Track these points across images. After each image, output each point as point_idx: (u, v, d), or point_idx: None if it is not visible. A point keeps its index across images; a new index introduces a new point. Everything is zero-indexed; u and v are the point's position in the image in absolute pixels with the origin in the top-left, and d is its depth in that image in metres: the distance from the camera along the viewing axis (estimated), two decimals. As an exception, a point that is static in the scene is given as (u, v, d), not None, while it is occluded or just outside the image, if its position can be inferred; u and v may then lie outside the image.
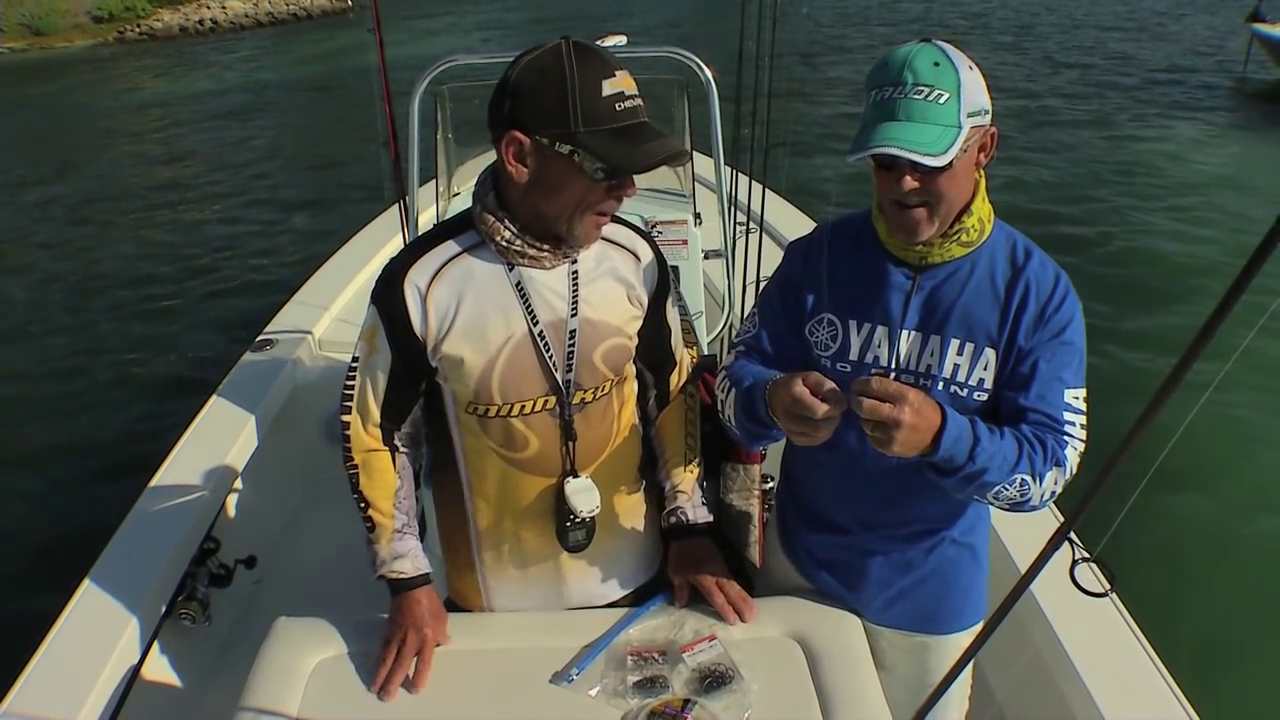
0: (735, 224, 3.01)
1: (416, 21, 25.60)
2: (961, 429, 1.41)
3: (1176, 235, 8.43)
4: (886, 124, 1.40)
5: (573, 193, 1.46)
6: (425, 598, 1.69)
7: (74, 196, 12.11)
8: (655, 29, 22.35)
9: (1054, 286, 1.53)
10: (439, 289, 1.56)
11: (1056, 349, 1.52)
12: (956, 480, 1.45)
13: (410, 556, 1.70)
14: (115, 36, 29.01)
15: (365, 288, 3.95)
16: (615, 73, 1.43)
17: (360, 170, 11.76)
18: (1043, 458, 1.46)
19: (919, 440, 1.38)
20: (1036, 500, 1.49)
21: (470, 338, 1.57)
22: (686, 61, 2.67)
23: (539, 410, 1.63)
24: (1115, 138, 11.70)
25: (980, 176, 1.55)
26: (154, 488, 2.66)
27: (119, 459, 5.34)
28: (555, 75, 1.40)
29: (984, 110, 1.45)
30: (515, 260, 1.56)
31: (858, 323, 1.61)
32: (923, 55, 1.42)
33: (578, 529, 1.70)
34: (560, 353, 1.60)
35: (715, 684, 1.56)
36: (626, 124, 1.43)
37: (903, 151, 1.37)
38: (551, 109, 1.41)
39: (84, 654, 2.08)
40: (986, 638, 1.36)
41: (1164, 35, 18.90)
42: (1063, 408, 1.50)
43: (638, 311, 1.70)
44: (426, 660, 1.64)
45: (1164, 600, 3.70)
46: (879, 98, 1.43)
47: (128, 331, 7.61)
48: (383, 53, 2.99)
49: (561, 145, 1.42)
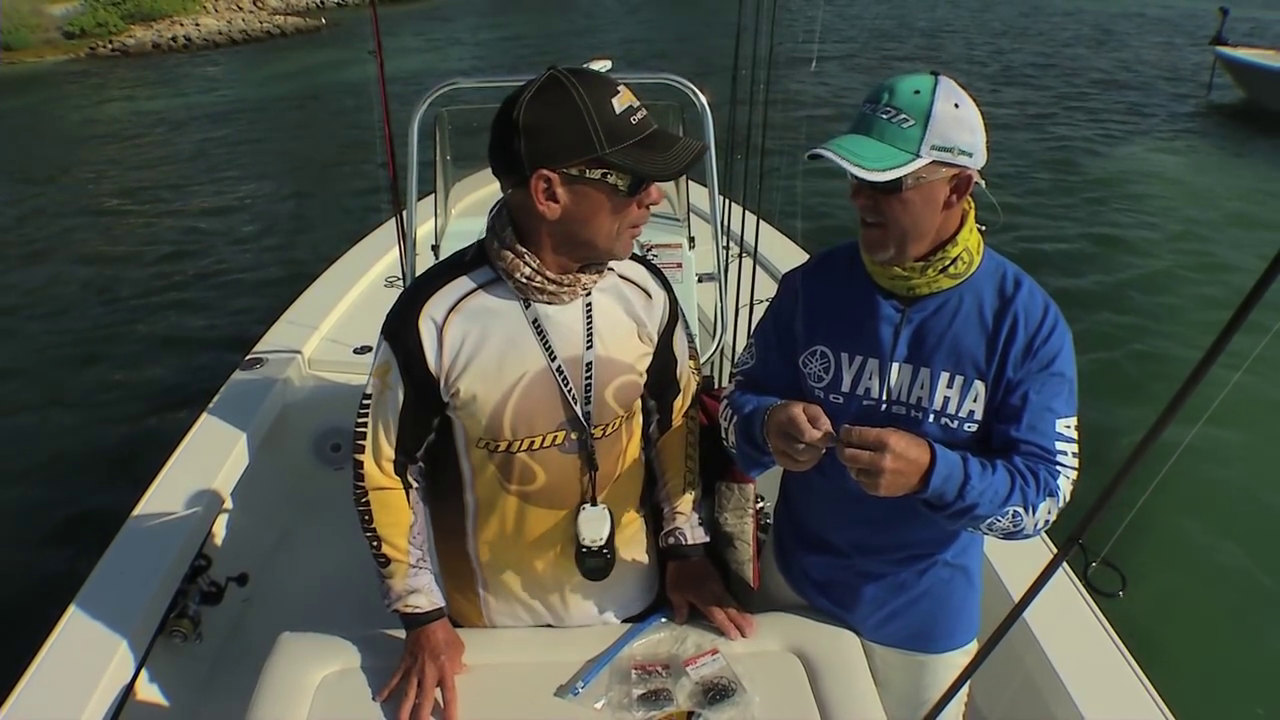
0: (728, 248, 3.06)
1: (393, 40, 25.57)
2: (952, 467, 1.44)
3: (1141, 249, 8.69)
4: (846, 135, 1.47)
5: (609, 214, 1.47)
6: (441, 630, 1.69)
7: (50, 212, 11.93)
8: (631, 45, 22.50)
9: (1043, 317, 1.54)
10: (455, 324, 1.55)
11: (1046, 380, 1.53)
12: (947, 515, 1.48)
13: (425, 591, 1.69)
14: (87, 52, 28.68)
15: (355, 306, 4.02)
16: (618, 89, 1.45)
17: (346, 188, 11.75)
18: (1035, 489, 1.48)
19: (905, 482, 1.42)
20: (1030, 529, 1.51)
21: (485, 374, 1.56)
22: (681, 88, 2.72)
23: (548, 445, 1.64)
24: (1077, 155, 11.97)
25: (969, 207, 1.57)
26: (145, 505, 2.66)
27: (109, 476, 5.30)
28: (567, 105, 1.40)
29: (961, 150, 1.45)
30: (533, 297, 1.56)
31: (849, 355, 1.63)
32: (910, 82, 1.46)
33: (595, 556, 1.70)
34: (579, 386, 1.61)
35: (718, 696, 1.60)
36: (646, 133, 1.45)
37: (835, 158, 1.43)
38: (574, 139, 1.40)
39: (77, 670, 2.08)
40: (986, 654, 1.40)
41: (1128, 56, 19.30)
42: (1054, 438, 1.52)
43: (647, 349, 1.71)
44: (450, 689, 1.64)
45: (1156, 616, 3.79)
46: (857, 113, 1.49)
47: (113, 350, 7.52)
48: (383, 75, 3.02)
49: (592, 171, 1.43)
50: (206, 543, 2.68)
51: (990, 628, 1.76)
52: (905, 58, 19.92)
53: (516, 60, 21.39)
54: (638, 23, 29.15)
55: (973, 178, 1.51)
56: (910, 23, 25.59)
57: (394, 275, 4.12)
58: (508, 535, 1.73)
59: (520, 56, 22.31)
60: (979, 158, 1.49)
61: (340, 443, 3.42)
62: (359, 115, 14.66)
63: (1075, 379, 1.56)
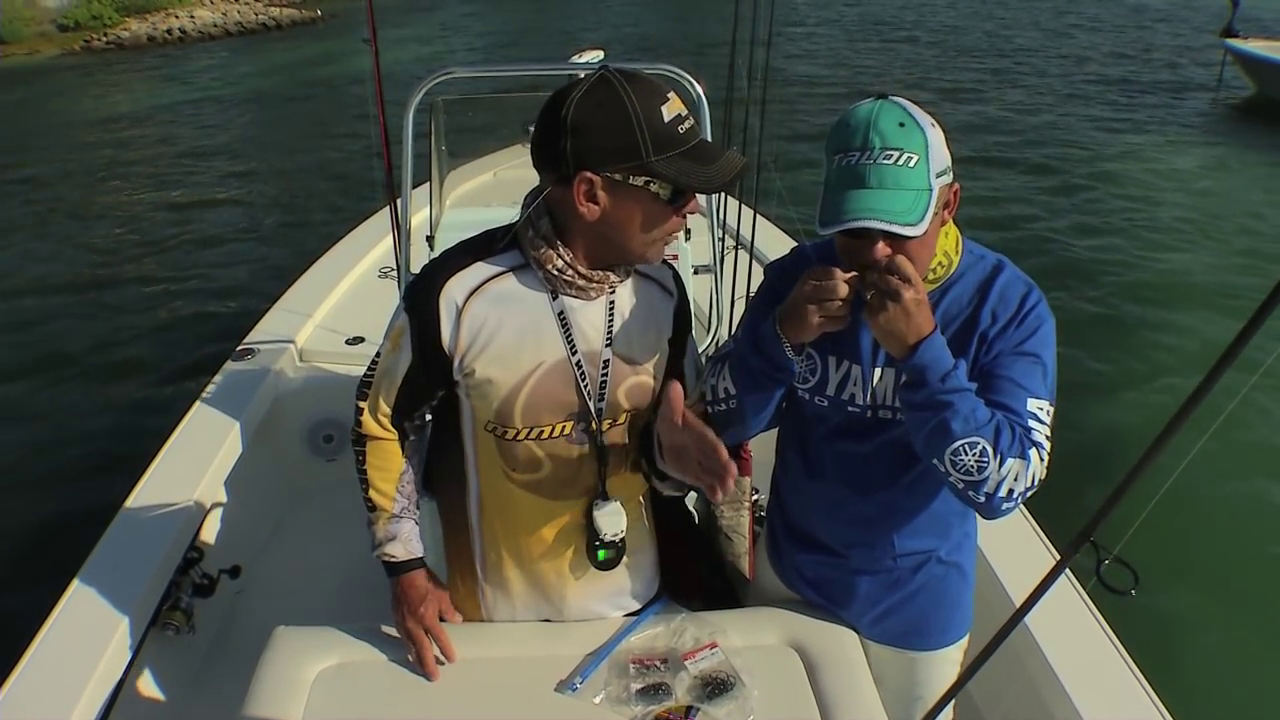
0: (723, 240, 3.04)
1: (388, 31, 25.48)
2: (943, 351, 1.42)
3: (1154, 245, 8.66)
4: (857, 191, 1.37)
5: (648, 221, 1.47)
6: (419, 580, 1.71)
7: (44, 205, 11.91)
8: (628, 39, 22.48)
9: (1023, 298, 1.53)
10: (476, 305, 1.55)
11: (1017, 359, 1.50)
12: (923, 407, 1.42)
13: (402, 540, 1.71)
14: (82, 45, 28.60)
15: (348, 296, 4.00)
16: (668, 96, 1.42)
17: (340, 178, 11.76)
18: (1009, 439, 1.41)
19: (904, 329, 1.39)
20: (991, 484, 1.42)
21: (501, 359, 1.56)
22: (678, 79, 2.70)
23: (556, 435, 1.63)
24: (1085, 151, 11.93)
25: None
26: (137, 497, 2.64)
27: (101, 468, 5.28)
28: (617, 109, 1.38)
29: (948, 168, 1.43)
30: (561, 289, 1.56)
31: (836, 360, 1.62)
32: (886, 115, 1.39)
33: (609, 548, 1.70)
34: (595, 382, 1.61)
35: (717, 690, 1.58)
36: (692, 144, 1.43)
37: (880, 224, 1.35)
38: (621, 144, 1.39)
39: (69, 663, 2.06)
40: (989, 655, 1.39)
41: (1136, 48, 19.28)
42: (1027, 414, 1.46)
43: (664, 348, 1.70)
44: (440, 637, 1.68)
45: (1159, 620, 3.76)
46: (845, 162, 1.40)
47: (106, 341, 7.50)
48: (377, 64, 3.00)
49: (636, 178, 1.42)
50: (199, 535, 2.67)
51: (984, 623, 1.75)
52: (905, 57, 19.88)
53: (511, 49, 21.37)
54: (634, 11, 29.11)
55: (958, 189, 1.48)
56: (923, 21, 25.49)
57: (388, 266, 4.10)
58: (510, 525, 1.72)
59: (514, 45, 22.31)
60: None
61: (333, 434, 3.40)
62: (354, 106, 14.66)
63: (1053, 366, 1.52)
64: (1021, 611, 1.35)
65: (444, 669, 1.67)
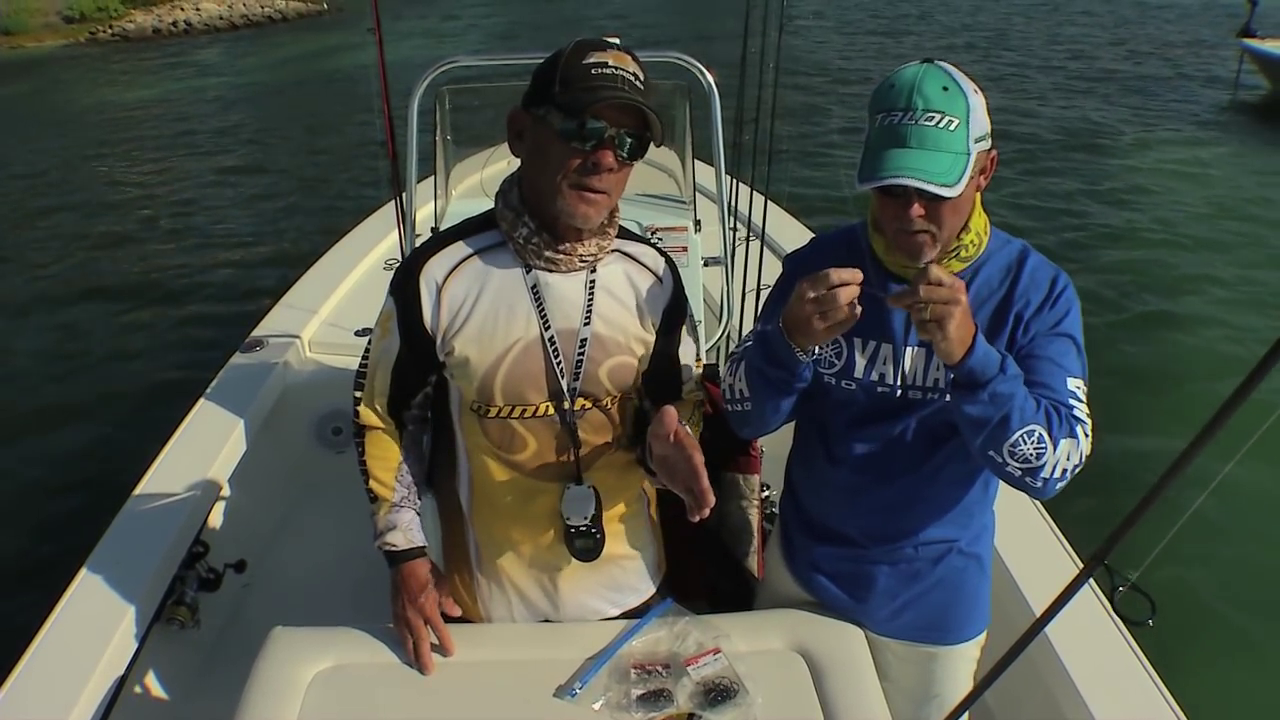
0: (734, 231, 3.01)
1: (397, 24, 25.48)
2: (989, 347, 1.41)
3: (1167, 244, 8.56)
4: (897, 150, 1.38)
5: (551, 159, 1.46)
6: (419, 569, 1.70)
7: (52, 197, 11.93)
8: (639, 33, 22.41)
9: (1052, 283, 1.55)
10: (454, 284, 1.57)
11: (1054, 339, 1.52)
12: (982, 403, 1.41)
13: (402, 529, 1.70)
14: (87, 37, 28.63)
15: (355, 289, 3.98)
16: (609, 51, 1.45)
17: (347, 171, 11.73)
18: (1059, 422, 1.43)
19: (964, 335, 1.36)
20: (1050, 468, 1.43)
21: (479, 336, 1.57)
22: (687, 66, 2.67)
23: (540, 415, 1.63)
24: (1104, 151, 11.82)
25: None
26: (142, 490, 2.63)
27: (105, 460, 5.27)
28: (554, 56, 1.46)
29: (987, 134, 1.45)
30: (532, 262, 1.57)
31: (862, 341, 1.60)
32: (931, 79, 1.40)
33: (584, 536, 1.67)
34: (569, 360, 1.60)
35: (719, 697, 1.55)
36: (598, 85, 1.41)
37: (917, 182, 1.36)
38: (542, 83, 1.46)
39: (73, 657, 2.06)
40: (1005, 667, 1.36)
41: (1153, 49, 19.13)
42: (1067, 393, 1.48)
43: (649, 335, 1.69)
44: (438, 628, 1.67)
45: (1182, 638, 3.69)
46: (887, 122, 1.41)
47: (112, 333, 7.50)
48: (382, 53, 2.97)
49: (537, 109, 1.46)
50: (204, 529, 2.65)
51: (1001, 627, 1.72)
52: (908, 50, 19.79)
53: (519, 40, 21.25)
54: (643, 1, 28.98)
55: (995, 156, 1.49)
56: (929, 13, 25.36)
57: (394, 258, 4.08)
58: (500, 511, 1.71)
59: (522, 36, 22.20)
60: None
61: (341, 426, 3.38)
62: (360, 98, 14.59)
63: (1083, 345, 1.55)
64: (1040, 624, 1.32)
65: (441, 672, 1.65)
